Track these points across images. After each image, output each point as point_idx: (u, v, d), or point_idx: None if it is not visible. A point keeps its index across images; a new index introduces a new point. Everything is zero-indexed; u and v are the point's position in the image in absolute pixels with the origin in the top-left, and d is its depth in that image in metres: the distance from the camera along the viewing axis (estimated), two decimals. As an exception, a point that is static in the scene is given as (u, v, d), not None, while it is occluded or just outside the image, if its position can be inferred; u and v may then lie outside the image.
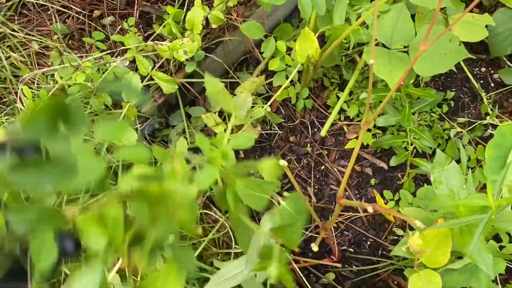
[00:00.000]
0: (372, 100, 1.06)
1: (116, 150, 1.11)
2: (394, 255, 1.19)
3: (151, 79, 1.16)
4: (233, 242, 1.11)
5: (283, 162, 0.82)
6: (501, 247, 1.12)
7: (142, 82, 1.12)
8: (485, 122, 1.17)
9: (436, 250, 0.78)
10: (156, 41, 1.18)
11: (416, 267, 0.81)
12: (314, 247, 0.87)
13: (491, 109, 1.23)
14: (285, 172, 0.91)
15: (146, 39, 1.31)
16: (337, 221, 1.24)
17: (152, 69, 1.14)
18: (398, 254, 0.83)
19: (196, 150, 1.19)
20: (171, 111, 1.28)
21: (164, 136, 1.27)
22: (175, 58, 1.20)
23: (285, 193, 0.97)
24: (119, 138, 1.01)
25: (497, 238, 1.01)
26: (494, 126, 1.22)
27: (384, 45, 1.09)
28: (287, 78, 1.19)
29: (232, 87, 1.32)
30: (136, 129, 1.14)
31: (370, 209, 0.73)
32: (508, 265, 1.17)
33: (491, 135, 1.21)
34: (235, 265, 1.02)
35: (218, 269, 1.12)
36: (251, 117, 1.17)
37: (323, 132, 1.08)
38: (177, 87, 1.13)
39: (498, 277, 1.15)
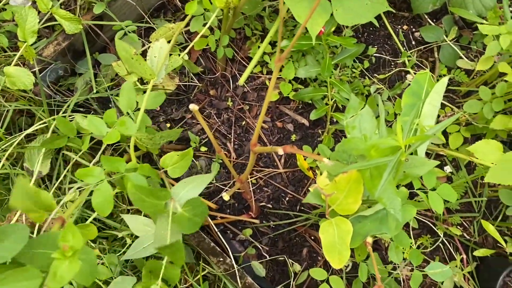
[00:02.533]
0: (293, 48, 1.02)
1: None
2: (312, 210, 1.17)
3: (53, 19, 1.05)
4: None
5: (193, 106, 0.76)
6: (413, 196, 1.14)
7: (41, 21, 1.00)
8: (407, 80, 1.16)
9: (348, 197, 0.76)
10: (59, -23, 1.06)
11: (328, 215, 0.79)
12: (225, 197, 0.82)
13: (413, 69, 1.24)
14: (204, 128, 0.85)
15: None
16: (257, 177, 1.21)
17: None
18: (309, 201, 0.80)
19: (105, 100, 1.09)
20: (78, 58, 1.16)
21: (70, 84, 1.16)
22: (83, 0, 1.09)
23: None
24: (13, 82, 0.89)
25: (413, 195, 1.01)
26: (413, 82, 1.22)
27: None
28: (205, 24, 1.12)
29: (147, 34, 1.23)
30: (34, 73, 1.02)
31: (280, 151, 0.68)
32: (421, 219, 1.19)
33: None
34: (144, 223, 0.96)
35: (127, 226, 1.05)
36: (167, 66, 1.09)
37: (241, 81, 1.03)
38: (82, 28, 1.02)
39: (411, 232, 1.18)
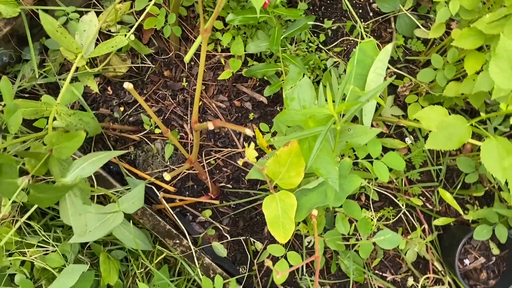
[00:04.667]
0: (239, 22, 0.99)
1: None
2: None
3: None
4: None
5: (128, 84, 0.74)
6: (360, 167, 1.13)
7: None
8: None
9: (290, 170, 0.75)
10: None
11: (272, 189, 0.78)
12: (166, 177, 0.80)
13: (368, 36, 1.22)
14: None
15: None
16: (215, 157, 1.19)
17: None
18: (253, 177, 0.78)
19: (54, 86, 1.04)
20: (24, 44, 1.13)
21: (17, 72, 1.12)
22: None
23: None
24: None
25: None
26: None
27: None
28: (157, 6, 1.09)
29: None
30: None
31: (210, 126, 0.67)
32: (382, 191, 1.19)
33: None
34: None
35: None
36: (112, 46, 1.05)
37: (187, 58, 1.00)
38: (19, 11, 0.98)
39: (372, 205, 1.17)
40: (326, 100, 0.71)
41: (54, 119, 0.93)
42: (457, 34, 1.01)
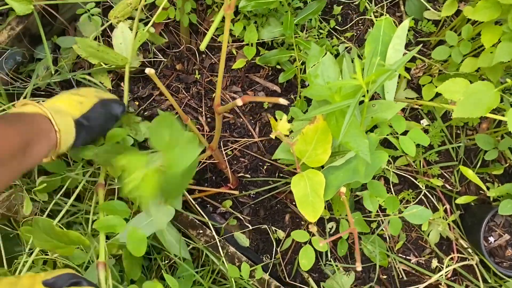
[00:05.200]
0: (251, 8, 0.99)
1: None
2: (289, 174, 1.16)
3: (5, 4, 1.01)
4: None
5: (149, 70, 0.74)
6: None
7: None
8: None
9: (317, 148, 0.74)
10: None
11: (299, 168, 0.77)
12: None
13: (376, 17, 1.21)
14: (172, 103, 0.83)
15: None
16: (232, 148, 1.18)
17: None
18: (279, 156, 0.78)
19: (68, 84, 1.06)
20: (37, 42, 1.13)
21: (31, 71, 1.12)
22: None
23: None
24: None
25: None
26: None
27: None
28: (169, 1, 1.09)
29: (105, 14, 1.19)
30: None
31: (239, 102, 0.66)
32: (401, 174, 1.18)
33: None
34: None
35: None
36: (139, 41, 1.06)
37: (202, 46, 0.99)
38: (33, 8, 0.99)
39: (392, 187, 1.17)
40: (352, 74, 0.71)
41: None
42: (469, 11, 1.01)
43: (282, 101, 0.59)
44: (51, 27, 1.14)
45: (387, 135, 0.81)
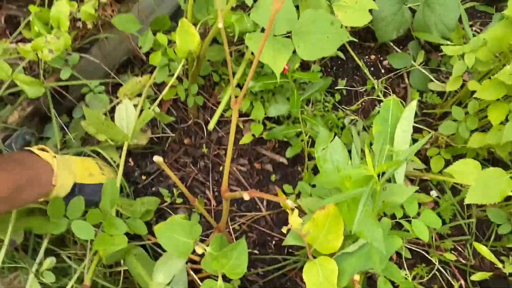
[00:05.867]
0: (259, 88, 1.01)
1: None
2: (300, 251, 1.13)
3: (17, 86, 1.03)
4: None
5: (157, 158, 0.74)
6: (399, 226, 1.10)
7: (4, 88, 0.99)
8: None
9: (328, 234, 0.73)
10: (19, 43, 1.05)
11: (311, 255, 0.75)
12: (199, 250, 0.78)
13: (381, 91, 1.23)
14: (181, 178, 0.84)
15: (14, 44, 1.17)
16: (240, 222, 1.17)
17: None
18: (290, 243, 0.76)
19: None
20: (46, 121, 1.14)
21: (39, 149, 1.13)
22: (47, 64, 1.08)
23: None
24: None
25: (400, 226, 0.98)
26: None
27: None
28: (172, 75, 1.11)
29: (115, 91, 1.21)
30: (1, 142, 1.00)
31: (246, 196, 0.65)
32: (413, 248, 1.15)
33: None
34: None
35: None
36: (143, 120, 1.08)
37: (210, 126, 1.01)
38: (44, 91, 1.00)
39: (405, 262, 1.14)
40: (362, 159, 0.71)
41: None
42: (474, 85, 1.02)
43: (290, 203, 0.59)
44: (60, 105, 1.16)
45: (400, 218, 0.79)
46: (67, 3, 1.04)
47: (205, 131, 1.25)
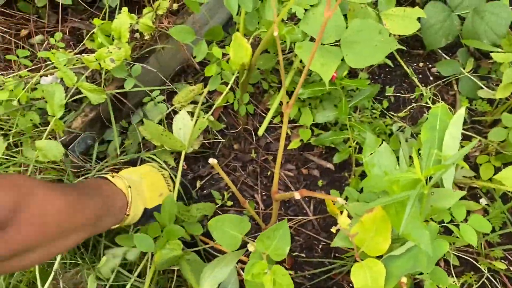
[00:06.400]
0: (307, 95, 1.04)
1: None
2: (346, 255, 1.15)
3: (80, 93, 1.11)
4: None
5: (212, 160, 0.79)
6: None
7: (68, 95, 1.07)
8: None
9: (376, 236, 0.75)
10: (82, 53, 1.14)
11: (358, 257, 0.77)
12: (251, 248, 0.82)
13: (429, 98, 1.24)
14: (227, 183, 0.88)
15: (77, 55, 1.27)
16: (287, 226, 1.20)
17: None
18: (338, 245, 0.79)
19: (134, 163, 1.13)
20: (106, 127, 1.22)
21: (100, 152, 1.20)
22: (107, 73, 1.16)
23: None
24: (45, 155, 0.95)
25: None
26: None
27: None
28: (226, 84, 1.16)
29: (169, 98, 1.28)
30: (65, 145, 1.08)
31: (297, 196, 0.69)
32: (462, 256, 1.15)
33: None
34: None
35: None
36: (199, 129, 1.14)
37: (260, 132, 1.05)
38: (105, 98, 1.08)
39: (453, 269, 1.13)
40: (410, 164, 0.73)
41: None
42: (526, 93, 1.02)
43: (341, 200, 0.61)
44: (120, 111, 1.23)
45: (447, 222, 0.80)
46: (128, 16, 1.11)
47: (254, 137, 1.30)
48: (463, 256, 1.14)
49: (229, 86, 1.13)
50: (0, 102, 1.10)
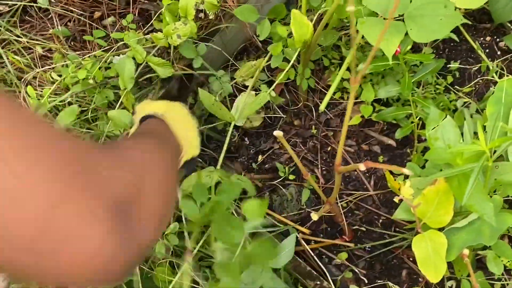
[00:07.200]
0: (369, 71, 1.05)
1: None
2: (406, 230, 1.16)
3: (151, 71, 1.18)
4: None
5: (278, 132, 0.82)
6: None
7: (138, 70, 1.14)
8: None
9: (438, 209, 0.76)
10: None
11: (420, 229, 0.79)
12: (314, 216, 0.85)
13: (496, 72, 1.20)
14: (291, 156, 0.91)
15: (146, 35, 1.33)
16: (347, 200, 1.22)
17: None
18: (399, 216, 0.80)
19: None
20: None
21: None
22: (176, 49, 1.21)
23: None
24: (116, 124, 1.01)
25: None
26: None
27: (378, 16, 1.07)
28: (287, 60, 1.18)
29: (233, 73, 1.32)
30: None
31: (362, 167, 0.71)
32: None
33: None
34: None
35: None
36: (259, 103, 1.17)
37: (321, 108, 1.07)
38: (173, 71, 1.14)
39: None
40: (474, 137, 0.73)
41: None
42: None
43: (406, 171, 0.63)
44: (187, 90, 1.29)
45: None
46: (193, -6, 1.16)
47: (314, 113, 1.32)
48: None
49: (291, 63, 1.15)
50: (78, 80, 1.19)
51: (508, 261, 0.90)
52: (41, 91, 1.22)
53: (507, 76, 1.23)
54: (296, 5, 1.39)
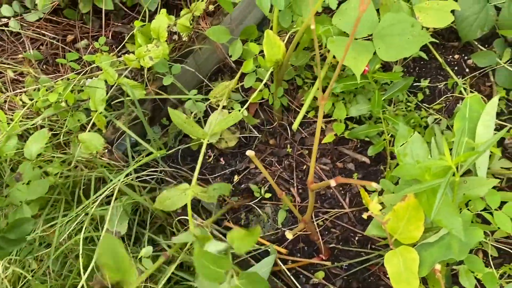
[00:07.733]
0: (340, 90, 1.06)
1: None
2: (381, 246, 1.16)
3: (124, 94, 1.18)
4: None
5: (250, 152, 0.82)
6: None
7: (109, 92, 1.13)
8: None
9: (409, 225, 0.77)
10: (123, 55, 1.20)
11: (392, 245, 0.79)
12: (288, 235, 0.85)
13: (465, 90, 1.23)
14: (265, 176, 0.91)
15: (119, 58, 1.33)
16: (323, 218, 1.22)
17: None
18: (372, 233, 0.81)
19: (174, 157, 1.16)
20: (149, 125, 1.28)
21: (141, 150, 1.26)
22: (150, 70, 1.21)
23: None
24: (87, 147, 1.01)
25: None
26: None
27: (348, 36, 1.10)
28: (260, 80, 1.19)
29: (207, 93, 1.32)
30: (110, 143, 1.14)
31: (333, 183, 0.71)
32: (501, 247, 1.14)
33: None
34: None
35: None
36: (229, 122, 1.17)
37: (294, 126, 1.08)
38: (145, 93, 1.14)
39: (491, 261, 1.12)
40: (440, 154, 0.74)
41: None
42: None
43: (375, 185, 0.64)
44: (160, 111, 1.29)
45: (482, 210, 0.81)
46: (166, 16, 1.17)
47: (289, 132, 1.33)
48: (502, 247, 1.13)
49: (263, 83, 1.16)
50: (50, 104, 1.18)
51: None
52: (12, 115, 1.20)
53: (471, 92, 1.26)
54: (268, 27, 1.41)
